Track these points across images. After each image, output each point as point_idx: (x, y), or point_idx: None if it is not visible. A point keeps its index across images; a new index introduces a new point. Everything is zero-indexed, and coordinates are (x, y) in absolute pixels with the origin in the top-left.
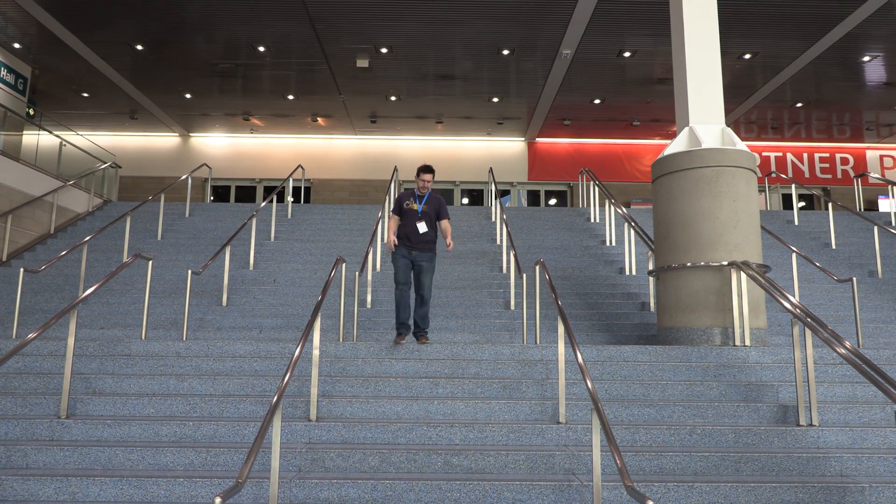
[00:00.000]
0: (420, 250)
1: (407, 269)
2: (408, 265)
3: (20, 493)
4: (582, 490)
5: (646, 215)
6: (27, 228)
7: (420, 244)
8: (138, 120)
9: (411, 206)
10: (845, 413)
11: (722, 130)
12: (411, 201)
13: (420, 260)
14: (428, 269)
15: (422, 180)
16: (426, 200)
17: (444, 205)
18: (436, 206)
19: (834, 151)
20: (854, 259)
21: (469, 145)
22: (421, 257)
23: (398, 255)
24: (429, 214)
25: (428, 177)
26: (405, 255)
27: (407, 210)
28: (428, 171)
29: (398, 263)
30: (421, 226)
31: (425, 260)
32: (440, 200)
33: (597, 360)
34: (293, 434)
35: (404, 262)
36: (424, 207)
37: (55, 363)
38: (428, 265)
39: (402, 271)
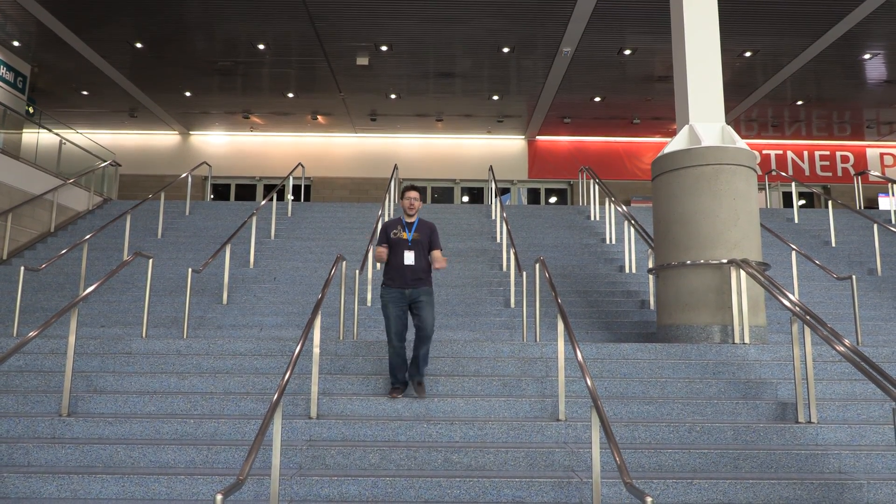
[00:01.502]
0: (414, 286)
1: (402, 318)
2: (402, 312)
3: (22, 491)
4: (581, 487)
5: (646, 213)
6: (27, 227)
7: (413, 281)
8: (138, 118)
9: (399, 234)
10: (844, 410)
11: (722, 128)
12: (399, 229)
13: (416, 296)
14: (427, 304)
15: (408, 199)
16: (416, 228)
17: (436, 232)
18: (427, 233)
19: (834, 149)
20: (854, 257)
21: (469, 143)
22: (417, 294)
23: (388, 299)
24: (420, 243)
25: (414, 194)
26: (397, 297)
27: (394, 240)
28: (413, 189)
29: (389, 311)
30: (409, 257)
31: (423, 296)
32: (432, 227)
33: (596, 358)
34: (294, 431)
35: (397, 308)
36: (415, 236)
37: (56, 361)
38: (427, 299)
39: (396, 322)
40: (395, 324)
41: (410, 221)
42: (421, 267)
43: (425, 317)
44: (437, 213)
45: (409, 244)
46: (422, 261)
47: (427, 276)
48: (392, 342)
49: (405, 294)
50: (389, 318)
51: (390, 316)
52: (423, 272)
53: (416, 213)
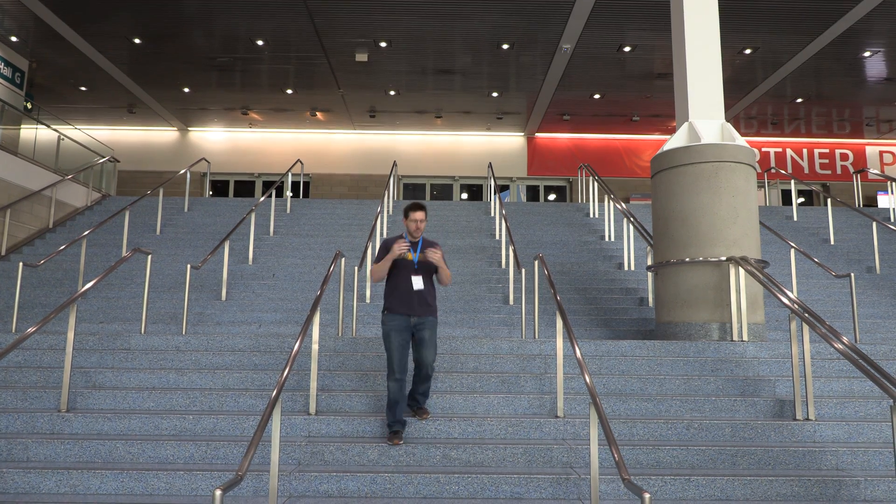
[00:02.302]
0: (420, 314)
1: (406, 348)
2: (406, 342)
3: (21, 486)
4: (579, 483)
5: (645, 211)
6: (26, 223)
7: (419, 306)
8: (136, 114)
9: (403, 255)
10: (842, 408)
11: (721, 126)
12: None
13: (421, 328)
14: (431, 340)
15: (413, 221)
16: (421, 247)
17: (441, 252)
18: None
19: (834, 147)
20: (852, 255)
21: (468, 140)
22: (422, 324)
23: (392, 327)
24: (426, 266)
25: (420, 215)
26: (402, 325)
27: (399, 261)
28: (419, 208)
29: (393, 341)
30: (417, 282)
31: (427, 327)
32: (437, 248)
33: (595, 355)
34: (293, 427)
35: (401, 337)
36: (421, 257)
37: (55, 357)
38: (430, 334)
39: (400, 352)
40: (399, 354)
41: (414, 241)
42: (429, 292)
43: (426, 354)
44: (436, 209)
45: (416, 267)
46: (429, 285)
47: (434, 303)
48: (394, 374)
49: (410, 322)
50: (392, 348)
51: (393, 346)
52: (430, 298)
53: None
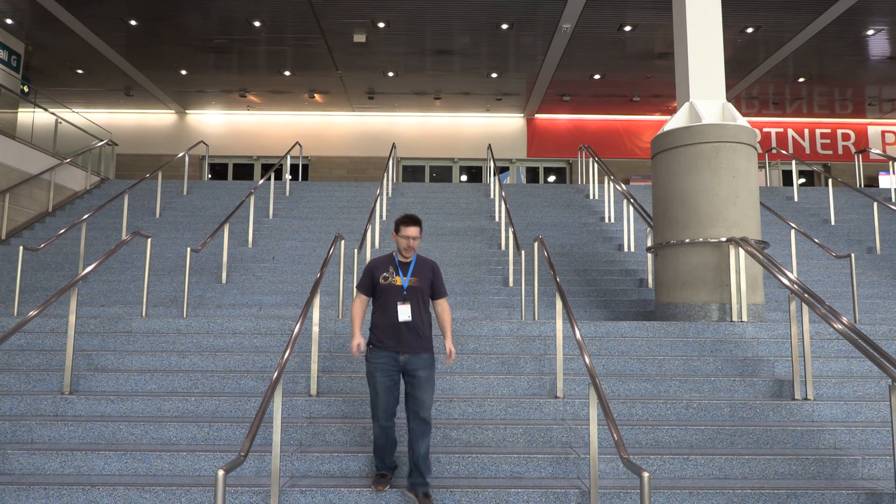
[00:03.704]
0: (411, 351)
1: (393, 391)
2: (394, 383)
3: (26, 467)
4: (579, 463)
5: (645, 192)
6: (25, 207)
7: (410, 341)
8: (134, 97)
9: (391, 279)
10: (840, 387)
11: (723, 106)
12: (390, 272)
13: (413, 367)
14: (427, 380)
15: (405, 237)
16: (413, 270)
17: (438, 273)
18: (427, 275)
19: (835, 127)
20: (853, 235)
21: (468, 122)
22: (414, 363)
23: (376, 365)
24: (419, 291)
25: (414, 231)
26: (388, 363)
27: (384, 287)
28: (413, 223)
29: (377, 381)
30: (405, 311)
31: (421, 366)
32: (433, 267)
33: (594, 336)
34: (294, 409)
35: (387, 378)
36: (412, 280)
37: (57, 340)
38: (426, 374)
39: (385, 395)
40: (385, 398)
41: (405, 261)
42: (420, 323)
43: (423, 398)
44: (435, 192)
45: (405, 293)
46: (421, 314)
47: (428, 336)
48: (378, 420)
49: (398, 360)
50: (377, 390)
51: (378, 387)
52: (422, 330)
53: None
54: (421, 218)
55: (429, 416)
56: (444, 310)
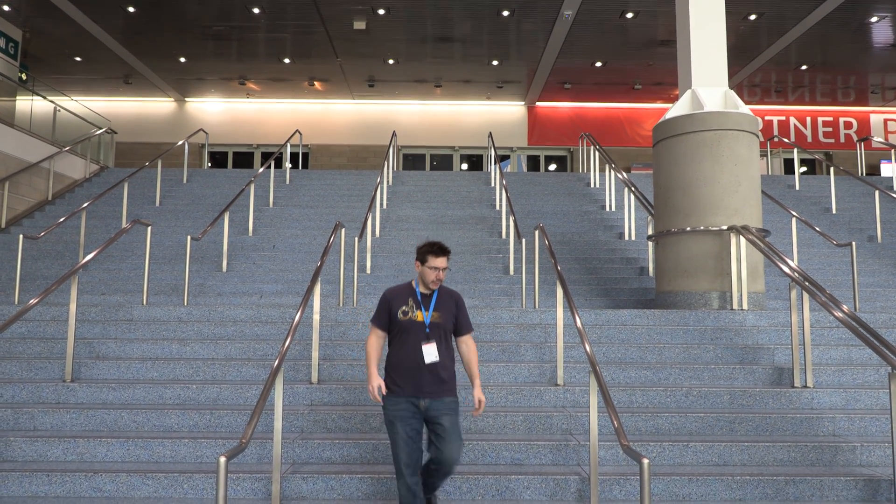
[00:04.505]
0: (433, 395)
1: (417, 442)
2: (416, 432)
3: (29, 454)
4: (579, 450)
5: (646, 180)
6: (25, 195)
7: (431, 384)
8: (132, 85)
9: (411, 314)
10: (840, 375)
11: (725, 93)
12: (410, 306)
13: (436, 414)
14: (452, 430)
15: (433, 268)
16: (436, 302)
17: (463, 306)
18: (451, 309)
19: (838, 115)
20: (854, 224)
21: (468, 110)
22: (436, 407)
23: (396, 414)
24: (441, 328)
25: (443, 262)
26: (409, 412)
27: (404, 322)
28: (443, 252)
29: (398, 433)
30: (430, 351)
31: (445, 412)
32: (457, 300)
33: (595, 324)
34: (295, 396)
35: (409, 428)
36: (435, 316)
37: (58, 328)
38: (451, 421)
39: (409, 448)
40: (408, 450)
41: (427, 293)
42: (444, 364)
43: (448, 450)
44: (436, 180)
45: (427, 331)
46: (445, 353)
47: (451, 379)
48: (404, 476)
49: (418, 406)
50: (398, 442)
51: (399, 440)
52: (446, 372)
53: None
54: (424, 210)
55: (451, 468)
56: (469, 349)
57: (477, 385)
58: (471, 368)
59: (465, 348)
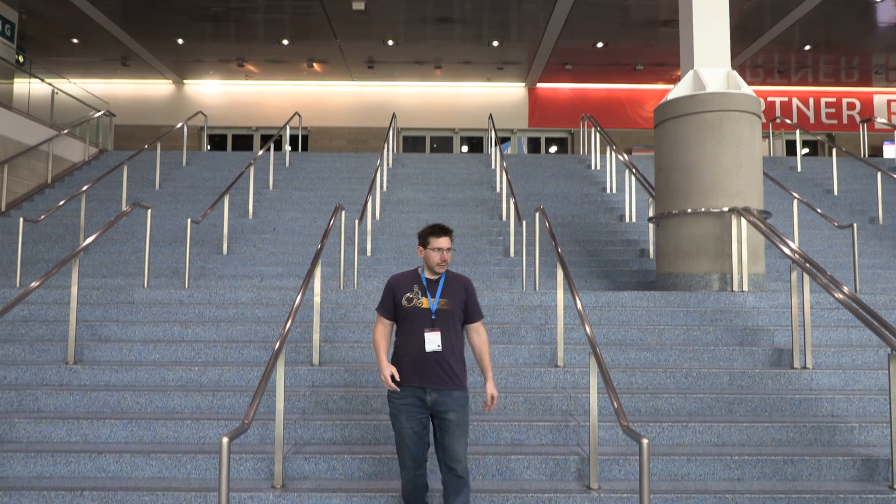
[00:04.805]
0: (440, 386)
1: (421, 436)
2: (422, 427)
3: (33, 435)
4: (579, 430)
5: (647, 162)
6: (24, 178)
7: (438, 375)
8: (130, 67)
9: (416, 300)
10: (839, 356)
11: (727, 74)
12: (415, 293)
13: (442, 408)
14: (458, 425)
15: (436, 249)
16: (443, 289)
17: (473, 292)
18: (460, 295)
19: (841, 96)
20: (856, 205)
21: (468, 91)
22: (443, 401)
23: (401, 406)
24: (449, 315)
25: (446, 241)
26: (414, 405)
27: (409, 310)
28: (444, 232)
29: (403, 426)
30: (432, 339)
31: (451, 407)
32: (466, 285)
33: (595, 306)
34: (297, 378)
35: (414, 421)
36: (442, 302)
37: (60, 311)
38: (457, 417)
39: (414, 441)
40: (413, 444)
41: (433, 279)
42: (452, 353)
43: (454, 448)
44: (436, 162)
45: (434, 318)
46: (452, 343)
47: (460, 370)
48: (406, 467)
49: (425, 399)
50: (403, 434)
51: (404, 433)
52: (454, 362)
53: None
54: (424, 193)
55: (463, 469)
56: (480, 337)
57: (489, 378)
58: (482, 360)
59: (475, 337)
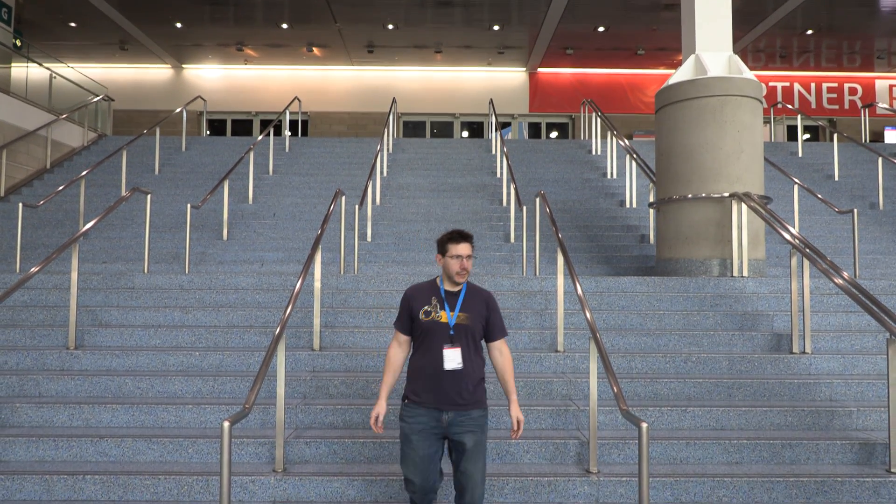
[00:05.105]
0: (458, 407)
1: (433, 460)
2: (434, 450)
3: (35, 420)
4: (578, 415)
5: (648, 147)
6: (23, 163)
7: (457, 397)
8: (129, 51)
9: (434, 314)
10: (838, 341)
11: (729, 58)
12: (433, 305)
13: (458, 430)
14: (476, 449)
15: (456, 257)
16: (463, 302)
17: (495, 307)
18: (480, 311)
19: (842, 81)
20: (856, 191)
21: (469, 76)
22: (460, 424)
23: (413, 426)
24: (468, 331)
25: (466, 248)
26: (428, 425)
27: (426, 325)
28: (464, 238)
29: (413, 449)
30: (452, 357)
31: (469, 428)
32: (487, 300)
33: (595, 292)
34: (297, 363)
35: (426, 444)
36: (461, 317)
37: (60, 296)
38: (475, 440)
39: (424, 465)
40: (423, 468)
41: (453, 290)
42: (472, 372)
43: (471, 473)
44: (436, 148)
45: (451, 332)
46: (473, 361)
47: (478, 389)
48: (413, 491)
49: (440, 420)
50: (412, 460)
51: (414, 456)
52: (473, 381)
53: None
54: (425, 178)
55: (479, 496)
56: (504, 357)
57: (514, 401)
58: (506, 381)
59: (498, 357)
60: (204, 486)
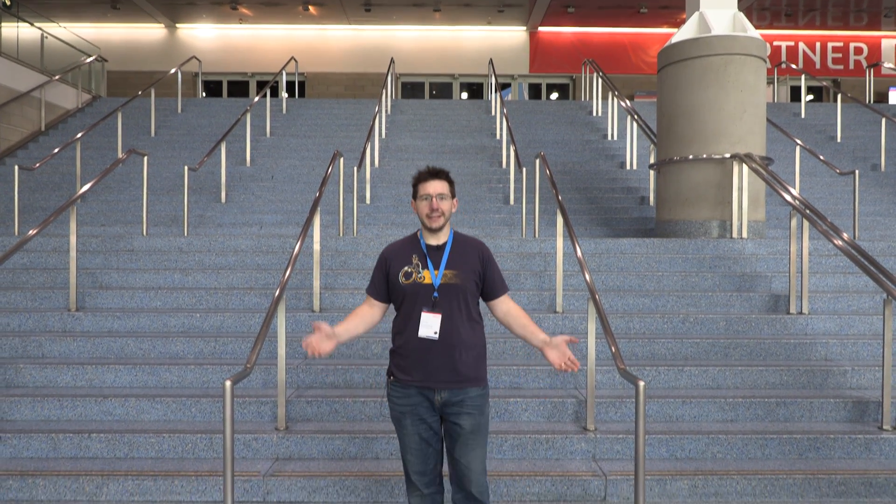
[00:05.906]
0: (452, 385)
1: (431, 443)
2: (431, 432)
3: (39, 380)
4: (576, 374)
5: (650, 108)
6: (17, 126)
7: (444, 370)
8: (120, 10)
9: (416, 275)
10: (835, 302)
11: (734, 16)
12: (414, 265)
13: (452, 411)
14: (473, 433)
15: (425, 197)
16: (449, 258)
17: (491, 260)
18: (473, 265)
19: (848, 40)
20: (859, 152)
21: (468, 35)
22: (456, 401)
23: (403, 407)
24: (458, 291)
25: (438, 187)
26: (418, 405)
27: (406, 288)
28: (434, 175)
29: (407, 431)
30: (431, 322)
31: (467, 408)
32: (479, 250)
33: (594, 253)
34: (298, 324)
35: (421, 425)
36: (447, 275)
37: (59, 259)
38: (472, 423)
39: (421, 449)
40: (421, 455)
41: (436, 244)
42: (462, 341)
43: (467, 463)
44: (435, 109)
45: (435, 295)
46: (464, 327)
47: (476, 363)
48: (415, 487)
49: (433, 401)
50: (408, 444)
51: (410, 442)
52: (465, 352)
53: (445, 225)
54: (424, 140)
55: (479, 488)
56: (510, 311)
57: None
58: (526, 326)
59: (504, 312)
60: (207, 444)
